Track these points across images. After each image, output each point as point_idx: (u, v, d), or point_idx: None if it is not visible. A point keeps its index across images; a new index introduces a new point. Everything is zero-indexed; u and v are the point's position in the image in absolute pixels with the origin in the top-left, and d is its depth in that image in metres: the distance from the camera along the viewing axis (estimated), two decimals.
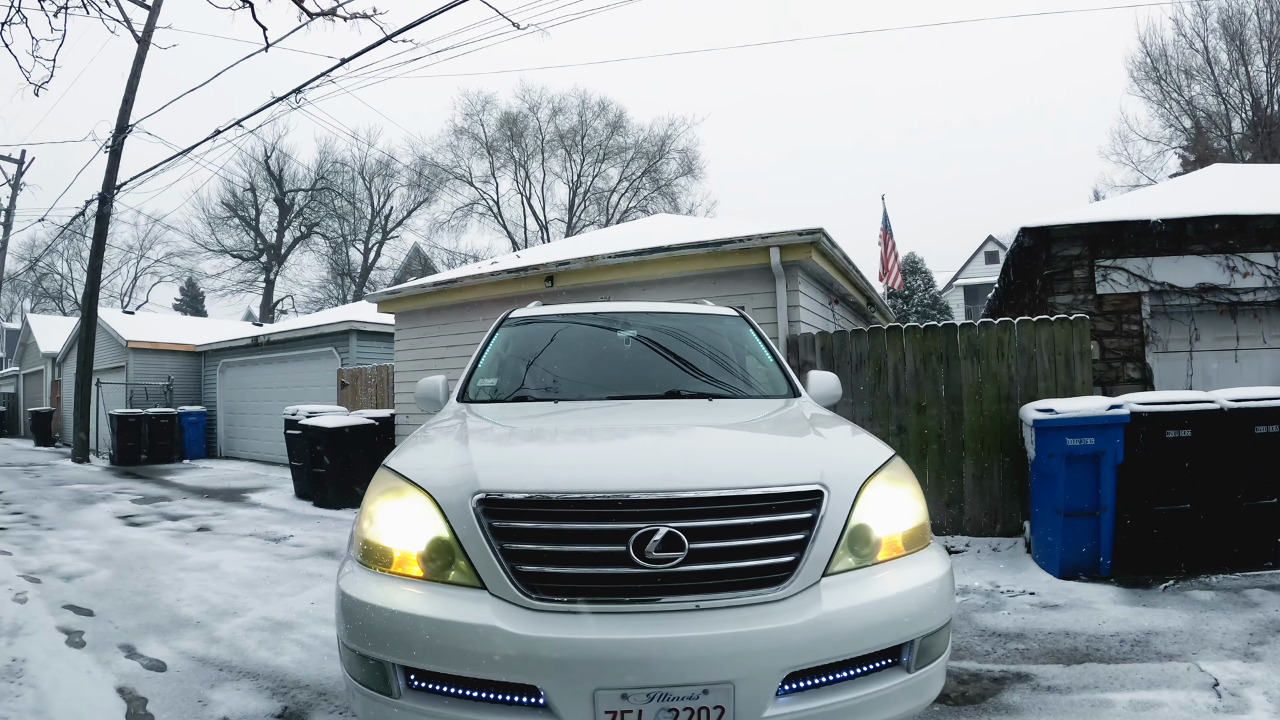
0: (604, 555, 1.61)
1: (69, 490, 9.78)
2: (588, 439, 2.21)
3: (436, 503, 1.74)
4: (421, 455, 2.05)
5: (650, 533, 1.59)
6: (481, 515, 1.67)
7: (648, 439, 2.19)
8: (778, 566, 1.65)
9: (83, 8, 4.87)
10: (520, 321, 3.45)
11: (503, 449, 2.11)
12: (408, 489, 1.81)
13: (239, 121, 12.41)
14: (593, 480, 1.72)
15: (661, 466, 1.84)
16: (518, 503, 1.68)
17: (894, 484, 1.91)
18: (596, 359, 3.15)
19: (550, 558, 1.63)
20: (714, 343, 3.24)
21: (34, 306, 36.58)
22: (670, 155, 34.22)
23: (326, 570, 5.00)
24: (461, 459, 1.88)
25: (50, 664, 3.20)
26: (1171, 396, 4.37)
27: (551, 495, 1.67)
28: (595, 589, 1.60)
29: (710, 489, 1.68)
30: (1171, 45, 24.09)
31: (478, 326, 7.83)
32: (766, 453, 2.13)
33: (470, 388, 2.93)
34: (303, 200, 35.10)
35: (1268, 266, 6.61)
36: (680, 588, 1.60)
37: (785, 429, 2.37)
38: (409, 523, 1.77)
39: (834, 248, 6.19)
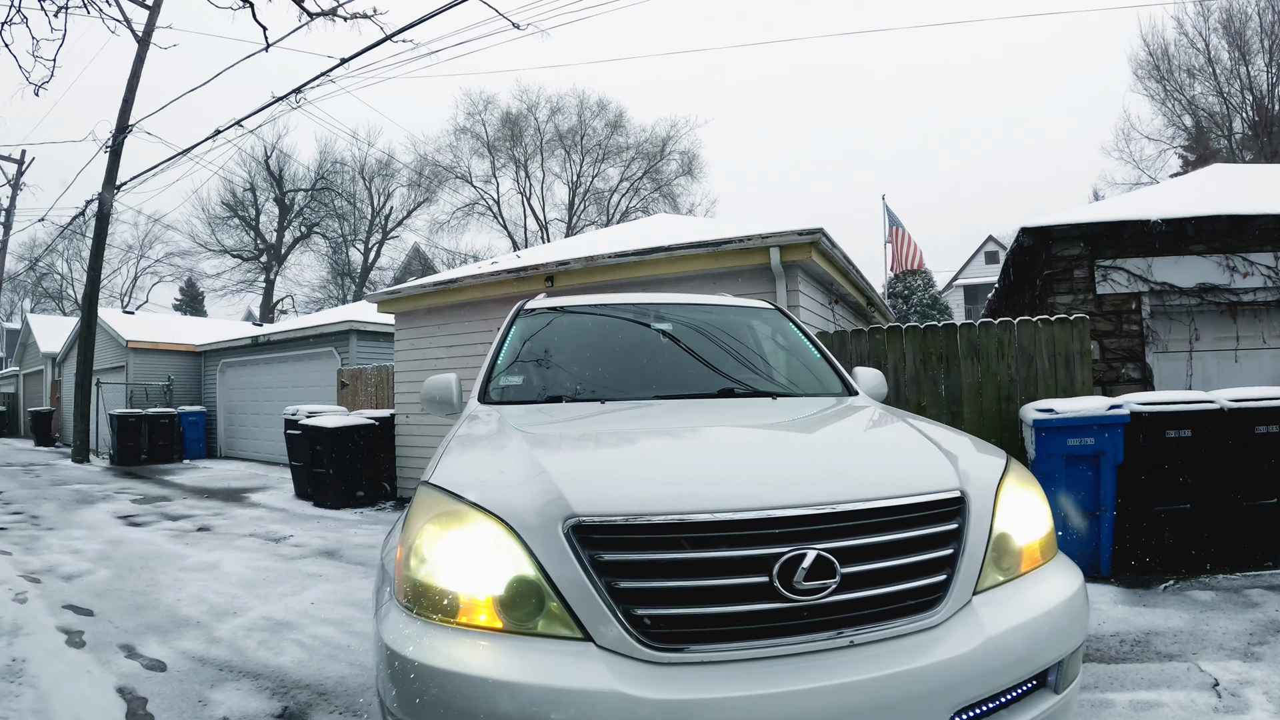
0: (741, 589, 1.32)
1: (69, 490, 9.78)
2: (677, 446, 1.87)
3: (514, 531, 1.38)
4: (475, 468, 1.70)
5: (797, 557, 1.33)
6: (579, 546, 1.34)
7: (748, 445, 1.88)
8: (930, 588, 1.43)
9: (83, 8, 4.87)
10: (539, 313, 3.10)
11: (583, 460, 1.76)
12: (471, 514, 1.44)
13: (239, 121, 12.42)
14: (714, 497, 1.40)
15: (788, 477, 1.56)
16: (625, 528, 1.35)
17: (1024, 486, 1.73)
18: (631, 354, 2.82)
19: (672, 596, 1.32)
20: (753, 337, 3.03)
21: (34, 306, 36.59)
22: (671, 156, 34.26)
23: (326, 570, 5.00)
24: (532, 473, 1.54)
25: (50, 664, 3.20)
26: (1171, 396, 4.37)
27: (670, 517, 1.35)
28: (731, 631, 1.31)
29: (856, 501, 1.42)
30: (1174, 44, 24.11)
31: (478, 326, 7.83)
32: (893, 457, 1.82)
33: (491, 387, 2.59)
34: (303, 200, 35.11)
35: (1268, 266, 6.61)
36: (830, 622, 1.34)
37: (885, 429, 2.08)
38: (478, 559, 1.41)
39: (834, 248, 6.19)
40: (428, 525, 1.48)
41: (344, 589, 4.48)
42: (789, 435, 2.04)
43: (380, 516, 7.48)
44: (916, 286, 26.68)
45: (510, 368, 2.75)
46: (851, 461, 1.76)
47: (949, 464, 1.65)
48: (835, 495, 1.43)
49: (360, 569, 5.02)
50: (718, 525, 1.35)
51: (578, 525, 1.36)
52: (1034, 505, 1.72)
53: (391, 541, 1.85)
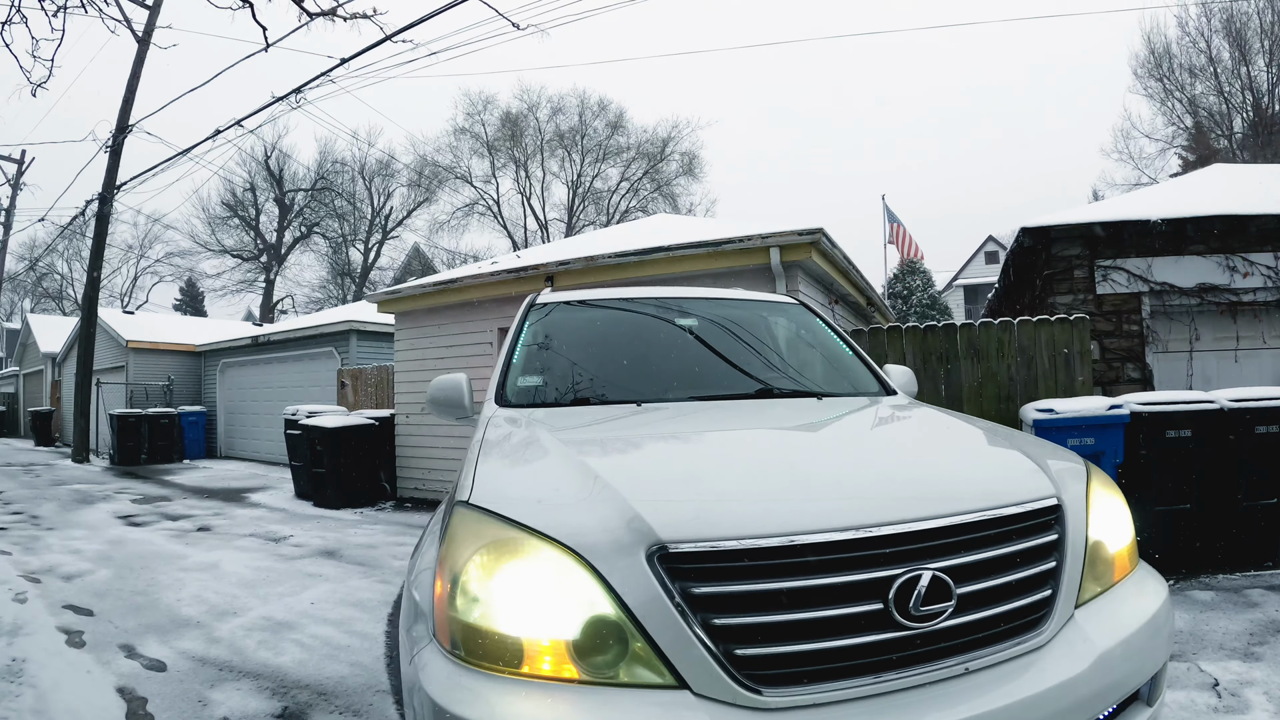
0: (853, 618, 1.18)
1: (69, 490, 9.78)
2: (751, 455, 1.67)
3: (586, 562, 1.18)
4: (523, 484, 1.48)
5: (913, 579, 1.20)
6: (667, 577, 1.16)
7: (827, 452, 1.72)
8: (1038, 604, 1.33)
9: (82, 8, 4.87)
10: (555, 308, 2.90)
11: (653, 473, 1.52)
12: (531, 542, 1.22)
13: (239, 121, 12.42)
14: (817, 515, 1.24)
15: (888, 488, 1.41)
16: (722, 555, 1.17)
17: (1109, 491, 1.64)
18: (657, 352, 2.63)
19: (777, 631, 1.16)
20: (781, 333, 2.89)
21: (34, 306, 36.60)
22: (671, 156, 34.27)
23: (326, 570, 5.00)
24: (593, 489, 1.34)
25: (50, 664, 3.20)
26: (1171, 396, 4.37)
27: (772, 540, 1.18)
28: (844, 667, 1.17)
29: (964, 513, 1.30)
30: (1175, 44, 24.14)
31: (478, 326, 7.84)
32: (982, 463, 1.67)
33: (509, 388, 2.37)
34: (303, 200, 35.12)
35: (1268, 266, 6.61)
36: (947, 649, 1.22)
37: (958, 433, 1.94)
38: (546, 597, 1.20)
39: (834, 248, 6.19)
40: (477, 557, 1.24)
41: (344, 589, 4.48)
42: (862, 441, 1.87)
43: (380, 516, 7.48)
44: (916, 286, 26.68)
45: (528, 367, 2.53)
46: (945, 469, 1.60)
47: (1040, 469, 1.54)
48: (943, 507, 1.30)
49: (360, 569, 5.03)
50: (826, 547, 1.19)
51: (663, 552, 1.17)
52: (1120, 510, 1.64)
53: (420, 563, 1.61)
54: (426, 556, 1.59)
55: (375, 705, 2.79)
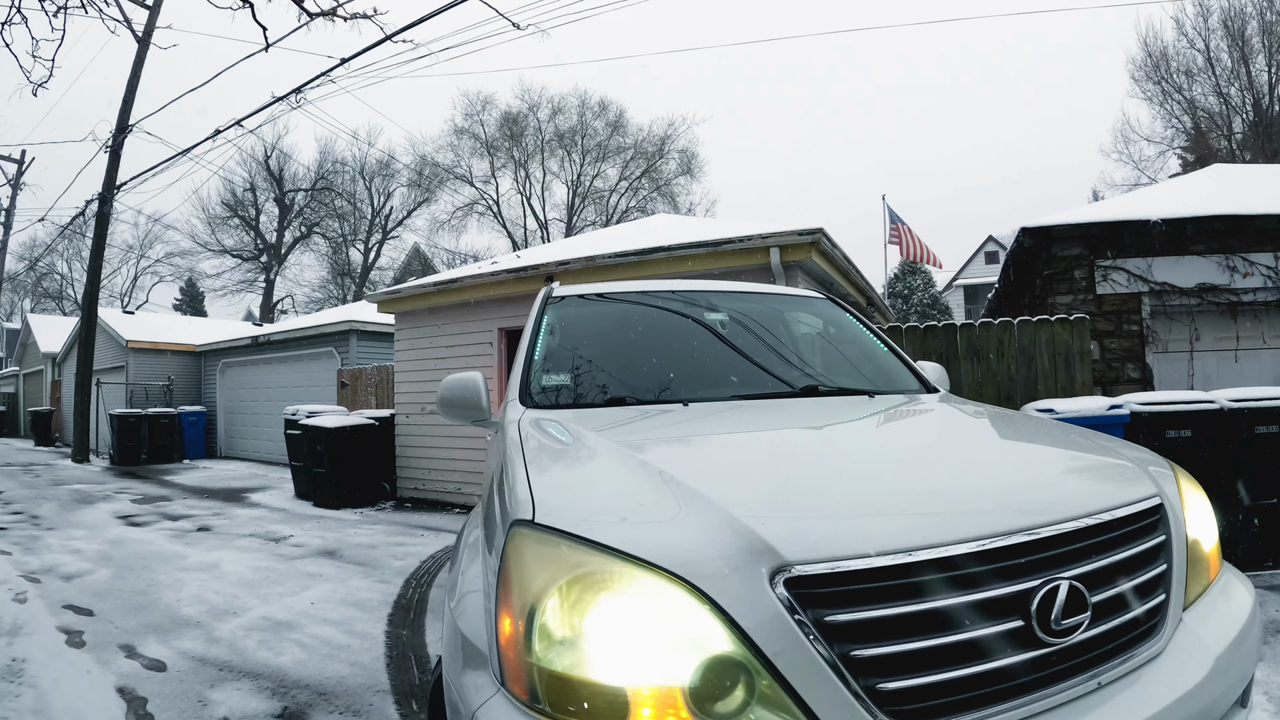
0: (995, 638, 1.07)
1: (69, 490, 9.78)
2: (847, 460, 1.52)
3: (699, 591, 1.00)
4: (598, 498, 1.27)
5: (1052, 591, 1.10)
6: (797, 606, 1.00)
7: (922, 455, 1.58)
8: (1155, 609, 1.26)
9: (82, 8, 4.87)
10: (572, 302, 2.71)
11: (754, 483, 1.32)
12: (627, 570, 1.03)
13: (239, 121, 12.41)
14: (944, 526, 1.12)
15: (1008, 493, 1.29)
16: (857, 576, 1.03)
17: (1196, 489, 1.58)
18: (689, 347, 2.48)
19: (919, 659, 1.03)
20: (812, 329, 2.79)
21: (34, 306, 36.61)
22: (670, 155, 34.29)
23: (326, 570, 5.00)
24: (689, 505, 1.16)
25: (50, 664, 3.20)
26: (1171, 396, 4.37)
27: (907, 556, 1.05)
28: (988, 695, 1.05)
29: (1084, 516, 1.21)
30: (1172, 46, 24.16)
31: (478, 326, 7.84)
32: (1080, 463, 1.56)
33: (533, 388, 2.17)
34: (303, 200, 35.13)
35: (1268, 266, 6.61)
36: (1081, 664, 1.14)
37: (1037, 431, 1.84)
38: (653, 636, 1.00)
39: (834, 248, 6.19)
40: (560, 590, 1.04)
41: (344, 589, 4.48)
42: (954, 443, 1.72)
43: (380, 516, 7.48)
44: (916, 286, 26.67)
45: (552, 365, 2.34)
46: (1052, 472, 1.50)
47: (1138, 468, 1.47)
48: (1065, 511, 1.20)
49: (360, 569, 5.03)
50: (962, 561, 1.08)
51: (790, 576, 1.01)
52: (1207, 508, 1.57)
53: (463, 583, 1.44)
54: (470, 577, 1.41)
55: (375, 705, 2.79)
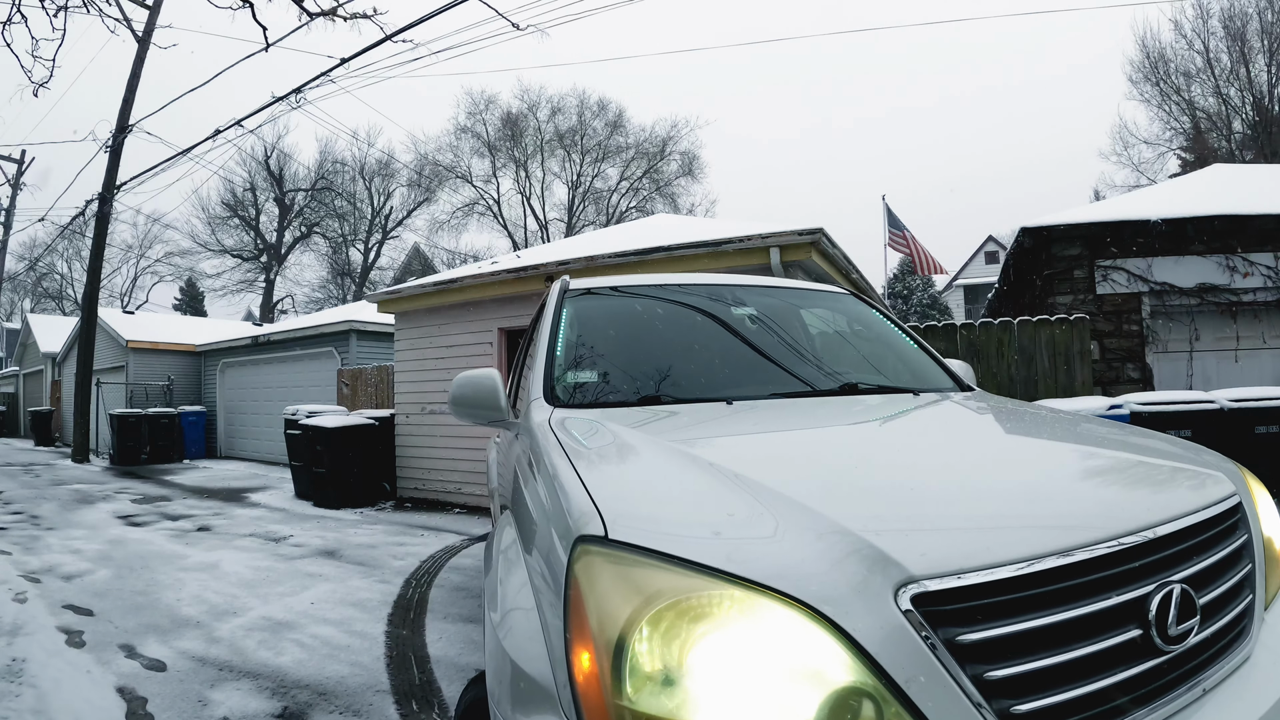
0: (1116, 649, 1.01)
1: (69, 490, 9.78)
2: (931, 464, 1.41)
3: (820, 615, 0.89)
4: (676, 509, 1.11)
5: (1167, 595, 1.05)
6: (927, 626, 0.91)
7: (1010, 458, 1.50)
8: (1244, 611, 1.21)
9: (83, 8, 4.88)
10: (591, 295, 2.59)
11: (845, 489, 1.20)
12: (738, 595, 0.90)
13: (239, 121, 12.42)
14: (1058, 532, 1.05)
15: (1101, 494, 1.25)
16: (985, 589, 0.94)
17: (1262, 487, 1.55)
18: (718, 343, 2.37)
19: (1050, 676, 0.95)
20: (843, 325, 2.72)
21: (34, 306, 36.63)
22: (671, 156, 34.31)
23: (326, 570, 5.00)
24: (786, 515, 1.04)
25: (50, 664, 3.20)
26: (1171, 396, 4.37)
27: (1034, 565, 0.98)
28: (1111, 709, 0.99)
29: (1180, 516, 1.16)
30: (1170, 47, 24.19)
31: (478, 326, 7.84)
32: (1159, 462, 1.47)
33: (558, 386, 2.04)
34: (303, 200, 35.15)
35: (1268, 266, 6.61)
36: (1190, 670, 1.08)
37: (1097, 430, 1.77)
38: (772, 669, 0.87)
39: (834, 248, 6.19)
40: (651, 619, 0.89)
41: (344, 589, 4.48)
42: (1032, 444, 1.63)
43: (380, 516, 7.48)
44: (916, 286, 26.69)
45: (575, 361, 2.21)
46: (1136, 472, 1.41)
47: (1215, 467, 1.44)
48: (1162, 512, 1.14)
49: (360, 569, 5.03)
50: (1084, 568, 1.01)
51: (920, 594, 0.91)
52: (1272, 505, 1.52)
53: (507, 596, 1.32)
54: (511, 589, 1.30)
55: (375, 705, 2.79)
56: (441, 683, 3.00)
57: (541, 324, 2.38)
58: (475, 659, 3.26)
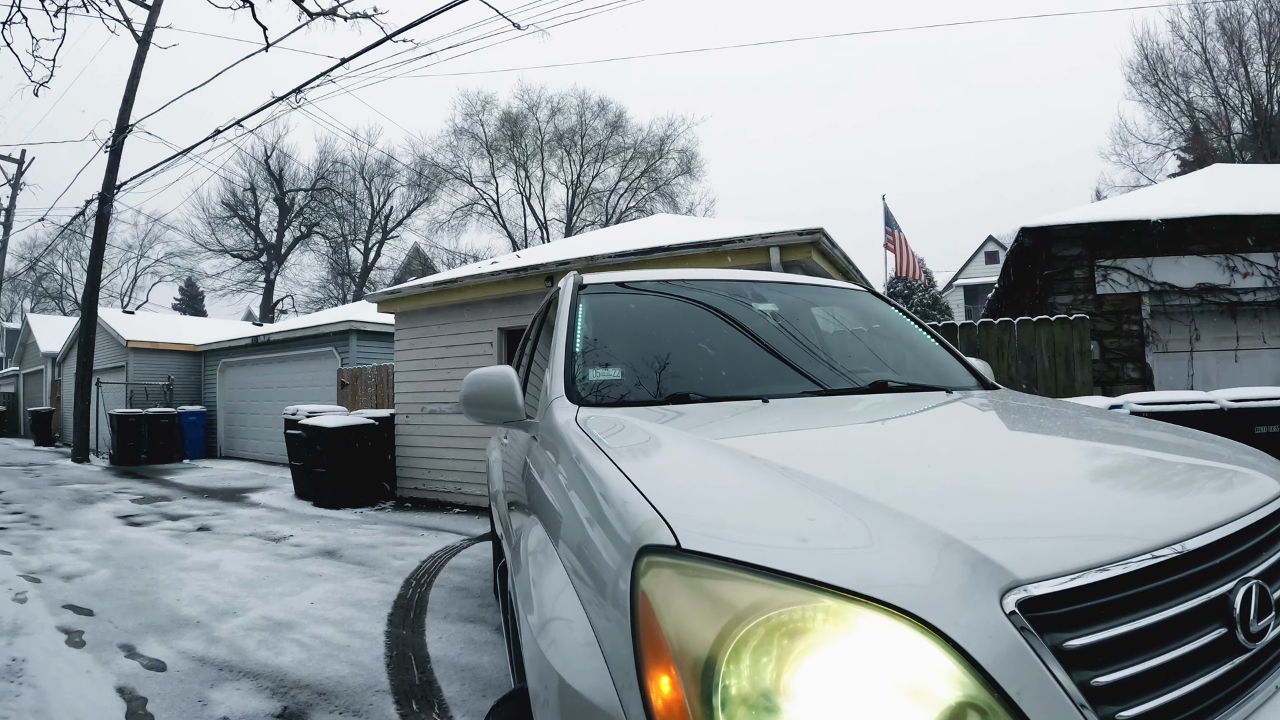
0: (1205, 648, 0.99)
1: (69, 490, 9.78)
2: (998, 463, 1.38)
3: (928, 626, 0.83)
4: (751, 514, 1.03)
5: (1248, 592, 1.03)
6: (1034, 632, 0.86)
7: (1075, 454, 1.46)
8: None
9: (83, 8, 4.88)
10: (608, 290, 2.50)
11: (929, 489, 1.15)
12: (841, 607, 0.84)
13: (239, 121, 12.42)
14: (1143, 531, 1.02)
15: (1173, 489, 1.22)
16: (1087, 592, 0.91)
17: None
18: (740, 340, 2.30)
19: (1148, 681, 0.93)
20: (863, 322, 2.68)
21: (34, 306, 36.63)
22: (669, 155, 34.32)
23: (326, 570, 5.00)
24: (873, 519, 0.98)
25: (50, 664, 3.20)
26: (1171, 396, 4.37)
27: (1127, 565, 0.95)
28: (1201, 711, 0.97)
29: (1249, 511, 1.15)
30: (1169, 48, 24.20)
31: (478, 326, 7.84)
32: (1218, 458, 1.46)
33: (579, 383, 1.95)
34: (303, 200, 35.14)
35: (1268, 266, 6.61)
36: (1265, 668, 1.06)
37: (1147, 426, 1.77)
38: (883, 686, 0.82)
39: (834, 248, 6.19)
40: (743, 638, 0.82)
41: (344, 589, 4.48)
42: (1086, 441, 1.60)
43: (380, 516, 7.48)
44: (916, 286, 26.71)
45: (595, 358, 2.12)
46: (1199, 467, 1.39)
47: (1263, 461, 1.40)
48: (1235, 507, 1.12)
49: (360, 569, 5.03)
50: (1172, 567, 0.99)
51: (1026, 599, 0.87)
52: None
53: (544, 603, 1.26)
54: (548, 594, 1.25)
55: (375, 705, 2.79)
56: (441, 683, 3.00)
57: (556, 321, 2.28)
58: (476, 659, 3.26)
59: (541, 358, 2.59)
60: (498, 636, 3.57)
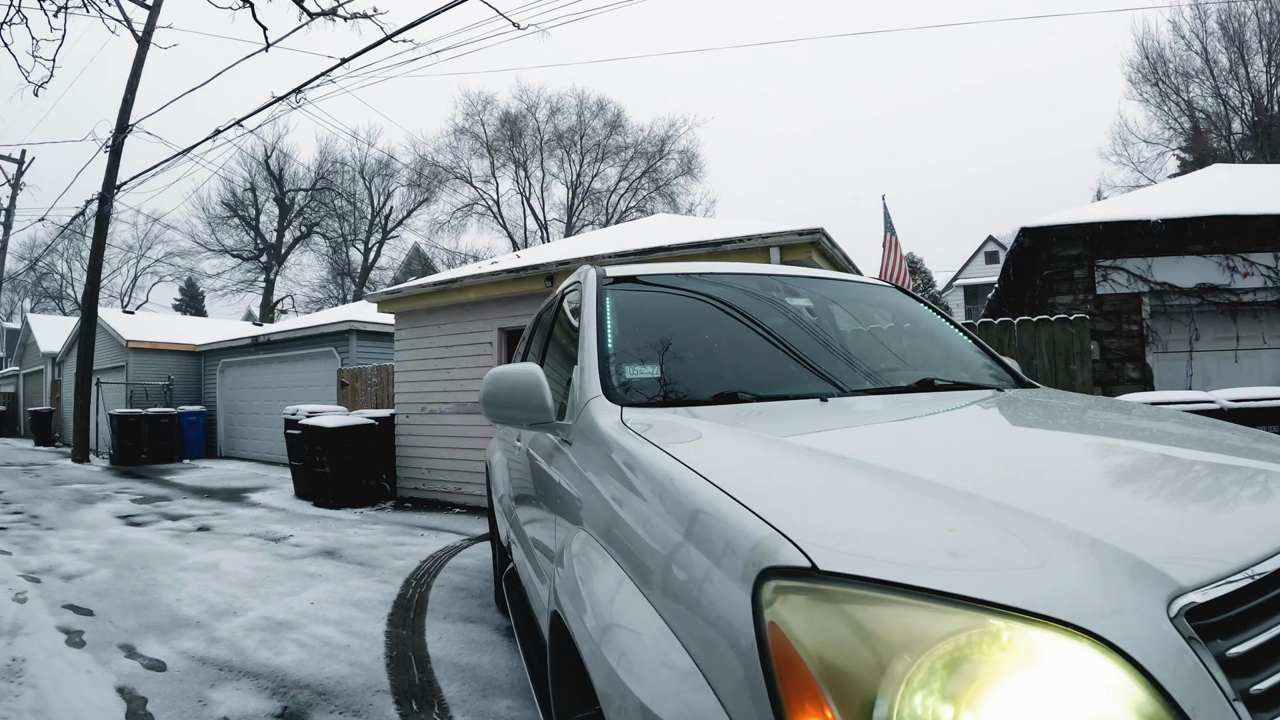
0: None
1: (69, 490, 9.78)
2: (1085, 460, 1.33)
3: (1110, 646, 0.77)
4: (894, 528, 0.94)
5: None
6: (1200, 642, 0.81)
7: (1171, 452, 1.39)
8: None
9: (83, 8, 4.87)
10: (634, 284, 2.36)
11: (1075, 497, 1.07)
12: (999, 628, 0.77)
13: (239, 121, 12.42)
14: (1274, 527, 0.98)
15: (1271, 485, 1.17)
16: (1237, 597, 0.86)
17: None
18: (784, 336, 2.17)
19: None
20: (895, 319, 2.59)
21: (34, 306, 36.63)
22: (670, 155, 34.31)
23: (326, 570, 5.00)
24: (1032, 529, 0.90)
25: (50, 664, 3.20)
26: (1171, 397, 4.37)
27: (1268, 565, 0.90)
28: None
29: None
30: (1169, 48, 24.21)
31: (478, 327, 7.84)
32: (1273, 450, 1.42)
33: (616, 383, 1.83)
34: (303, 200, 35.14)
35: (1268, 266, 6.61)
36: None
37: (1190, 418, 1.74)
38: (1069, 712, 0.75)
39: (834, 248, 6.19)
40: (920, 672, 0.75)
41: (344, 589, 4.48)
42: (1173, 437, 1.53)
43: (380, 516, 7.48)
44: (916, 286, 26.68)
45: (630, 355, 1.99)
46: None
47: None
48: None
49: (360, 569, 5.02)
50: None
51: (1192, 608, 0.82)
52: None
53: (606, 611, 1.17)
54: (604, 600, 1.17)
55: (375, 705, 2.79)
56: (441, 683, 3.00)
57: (582, 316, 2.14)
58: (476, 659, 3.26)
59: (555, 358, 2.51)
60: (498, 636, 3.57)
